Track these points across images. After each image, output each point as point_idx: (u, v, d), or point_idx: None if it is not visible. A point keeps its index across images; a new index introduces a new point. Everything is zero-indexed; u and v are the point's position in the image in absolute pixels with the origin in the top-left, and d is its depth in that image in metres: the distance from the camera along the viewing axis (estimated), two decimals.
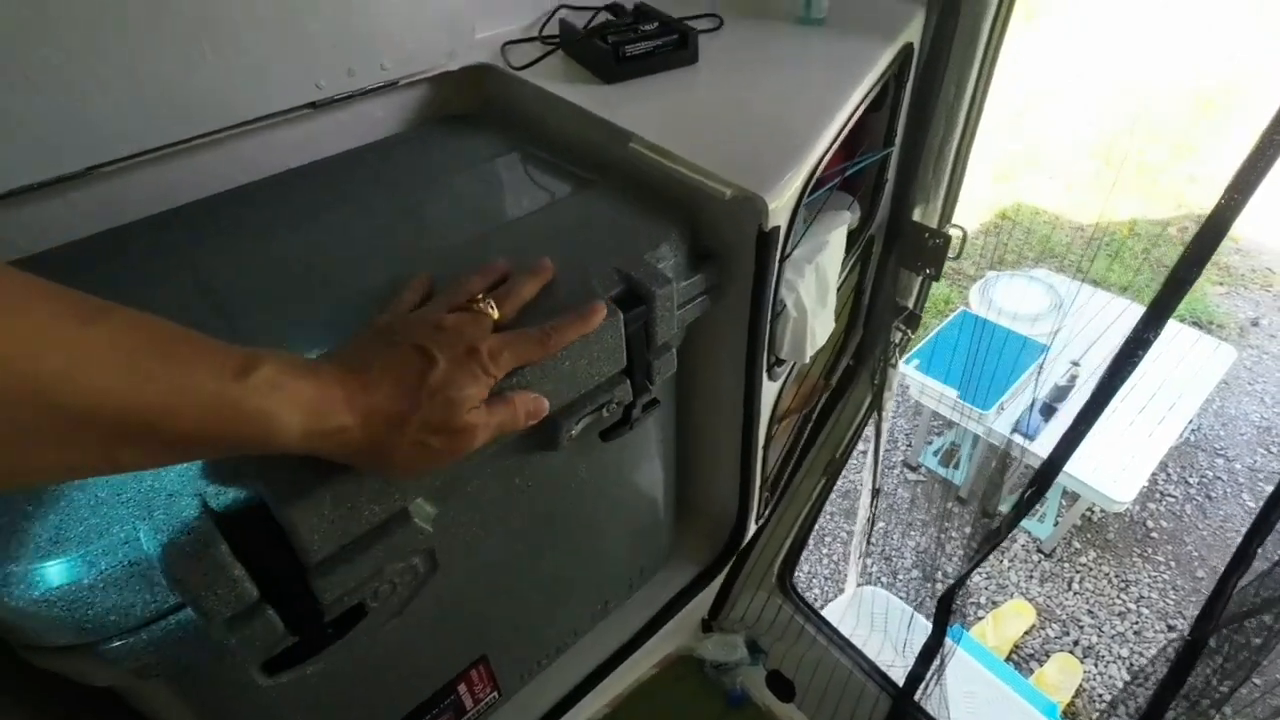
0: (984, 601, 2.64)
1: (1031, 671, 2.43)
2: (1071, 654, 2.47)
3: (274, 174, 0.72)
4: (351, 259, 0.60)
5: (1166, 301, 0.72)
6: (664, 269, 0.59)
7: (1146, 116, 4.69)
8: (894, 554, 2.81)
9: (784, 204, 0.61)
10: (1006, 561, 2.76)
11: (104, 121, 0.61)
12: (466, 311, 0.48)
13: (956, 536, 2.75)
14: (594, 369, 0.55)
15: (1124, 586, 2.65)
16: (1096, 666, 2.45)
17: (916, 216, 0.94)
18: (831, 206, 0.81)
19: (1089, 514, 2.85)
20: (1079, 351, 2.61)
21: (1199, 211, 4.16)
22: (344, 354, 0.44)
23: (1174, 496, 2.92)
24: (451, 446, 0.43)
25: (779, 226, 0.62)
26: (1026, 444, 2.45)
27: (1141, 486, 2.46)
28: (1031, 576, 2.71)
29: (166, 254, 0.61)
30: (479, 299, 0.49)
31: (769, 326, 0.71)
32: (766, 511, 1.08)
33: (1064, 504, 2.83)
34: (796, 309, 0.74)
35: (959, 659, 1.70)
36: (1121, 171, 4.46)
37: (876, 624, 1.80)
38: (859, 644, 1.33)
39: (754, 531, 1.01)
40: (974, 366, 2.71)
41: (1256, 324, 3.72)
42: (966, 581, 1.19)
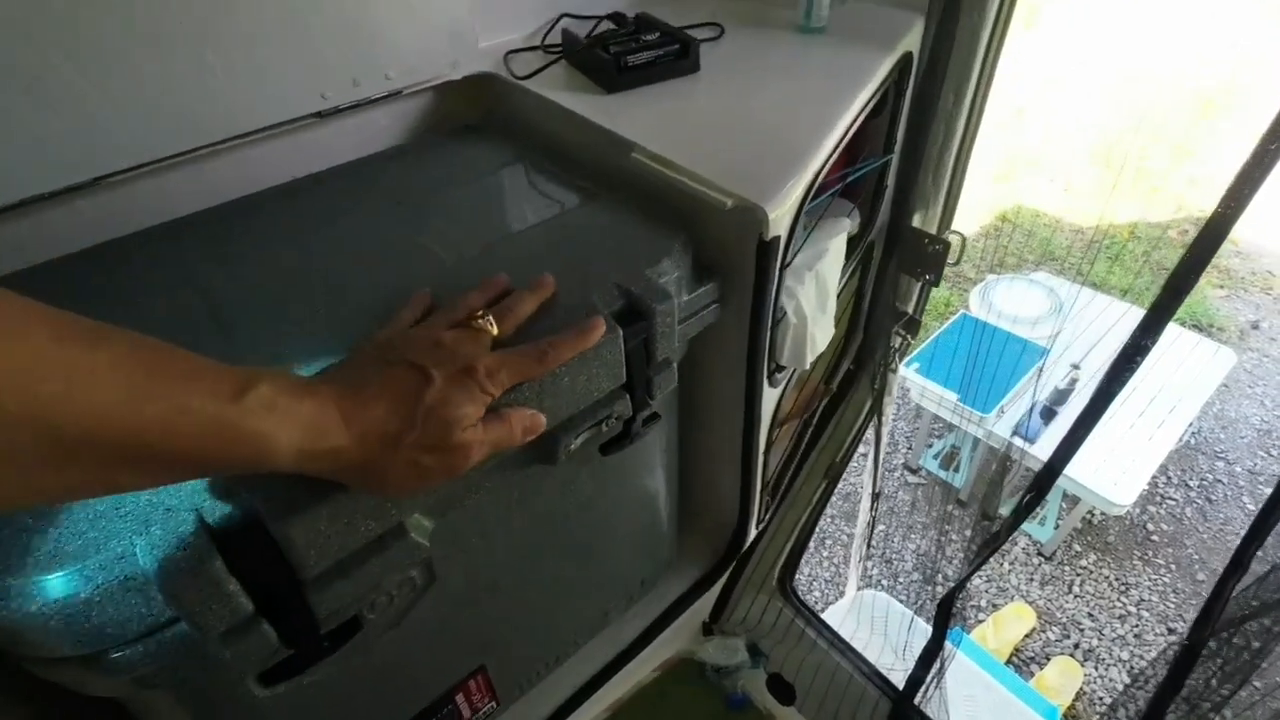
0: (984, 605, 2.64)
1: (1032, 674, 2.43)
2: (1072, 657, 2.47)
3: (279, 184, 0.73)
4: (354, 271, 0.61)
5: (1167, 305, 0.72)
6: (665, 284, 0.58)
7: (1146, 118, 4.69)
8: (894, 557, 2.81)
9: (784, 213, 0.62)
10: (1007, 564, 2.76)
11: (112, 132, 0.62)
12: (465, 329, 0.48)
13: (957, 539, 2.75)
14: (593, 385, 0.55)
15: (1124, 590, 2.65)
16: (1097, 670, 2.45)
17: (916, 223, 0.95)
18: (832, 213, 0.82)
19: (1089, 517, 2.85)
20: (1079, 355, 2.61)
21: (1199, 214, 4.16)
22: (340, 372, 0.44)
23: (1174, 500, 2.92)
24: (446, 465, 0.43)
25: (779, 236, 0.63)
26: (1027, 447, 2.45)
27: (1142, 490, 2.46)
28: (1032, 579, 2.71)
29: (171, 264, 0.62)
30: (478, 315, 0.49)
31: (769, 333, 0.72)
32: (767, 515, 1.08)
33: (1064, 507, 2.83)
34: (797, 316, 0.74)
35: (959, 662, 1.71)
36: (1121, 174, 4.47)
37: (877, 627, 1.81)
38: (859, 647, 1.33)
39: (755, 535, 1.02)
40: (974, 369, 2.72)
41: (1257, 327, 3.72)
42: (967, 585, 1.19)
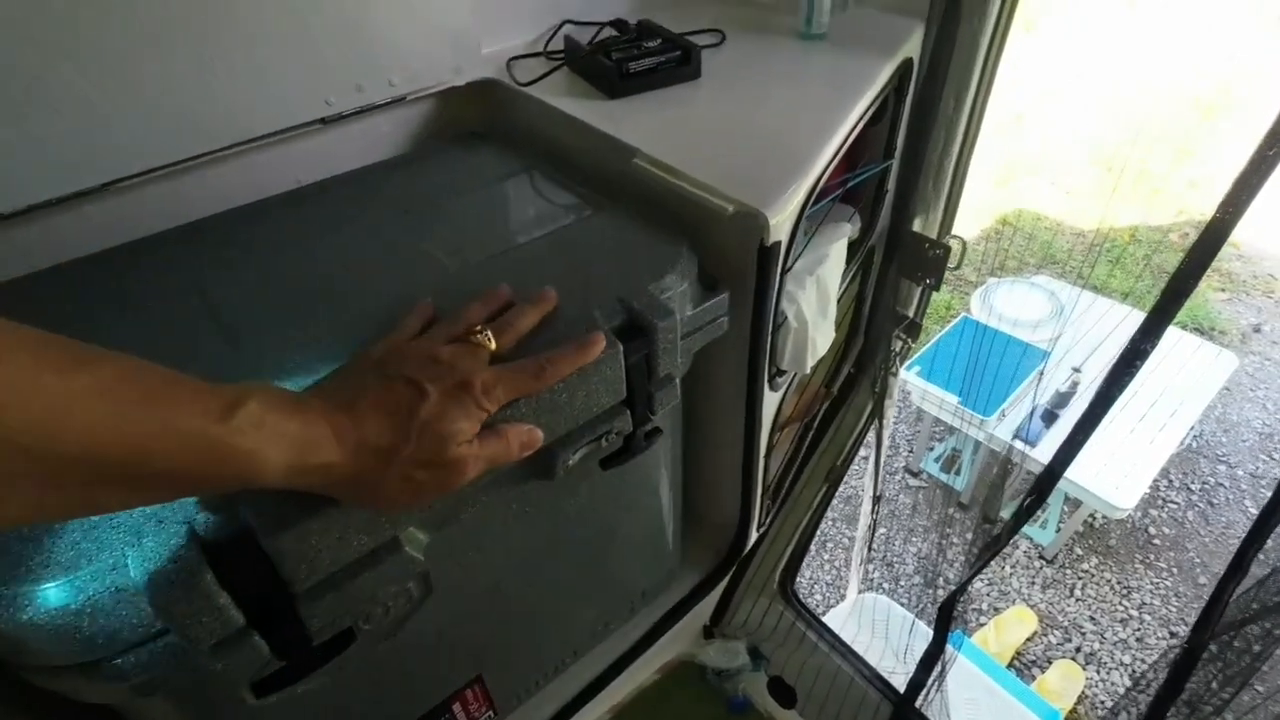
0: (986, 608, 2.64)
1: (1033, 678, 2.43)
2: (1073, 660, 2.47)
3: (284, 191, 0.73)
4: (358, 278, 0.61)
5: (1168, 308, 0.72)
6: (669, 299, 0.58)
7: (1147, 121, 4.70)
8: (895, 560, 2.81)
9: (785, 219, 0.62)
10: (1008, 568, 2.76)
11: (118, 138, 0.62)
12: (463, 343, 0.47)
13: (958, 543, 2.75)
14: (593, 400, 0.54)
15: (1126, 593, 2.65)
16: (1099, 673, 2.44)
17: (917, 227, 0.95)
18: (833, 218, 0.83)
19: (1091, 520, 2.85)
20: (1080, 358, 2.61)
21: (1200, 217, 4.16)
22: (332, 387, 0.44)
23: (1176, 503, 2.92)
24: (441, 481, 0.43)
25: (780, 241, 0.63)
26: (1028, 450, 2.45)
27: (1143, 493, 2.46)
28: (1033, 583, 2.71)
29: (176, 270, 0.62)
30: (477, 330, 0.49)
31: (770, 338, 0.72)
32: (768, 518, 1.09)
33: (1066, 510, 2.83)
34: (798, 320, 0.75)
35: (960, 666, 1.71)
36: (1122, 178, 4.47)
37: (878, 630, 1.81)
38: (860, 650, 1.33)
39: (756, 538, 1.02)
40: (975, 372, 2.72)
41: (1258, 330, 3.72)
42: (968, 588, 1.19)
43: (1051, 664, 2.46)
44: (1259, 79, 4.72)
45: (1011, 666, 2.46)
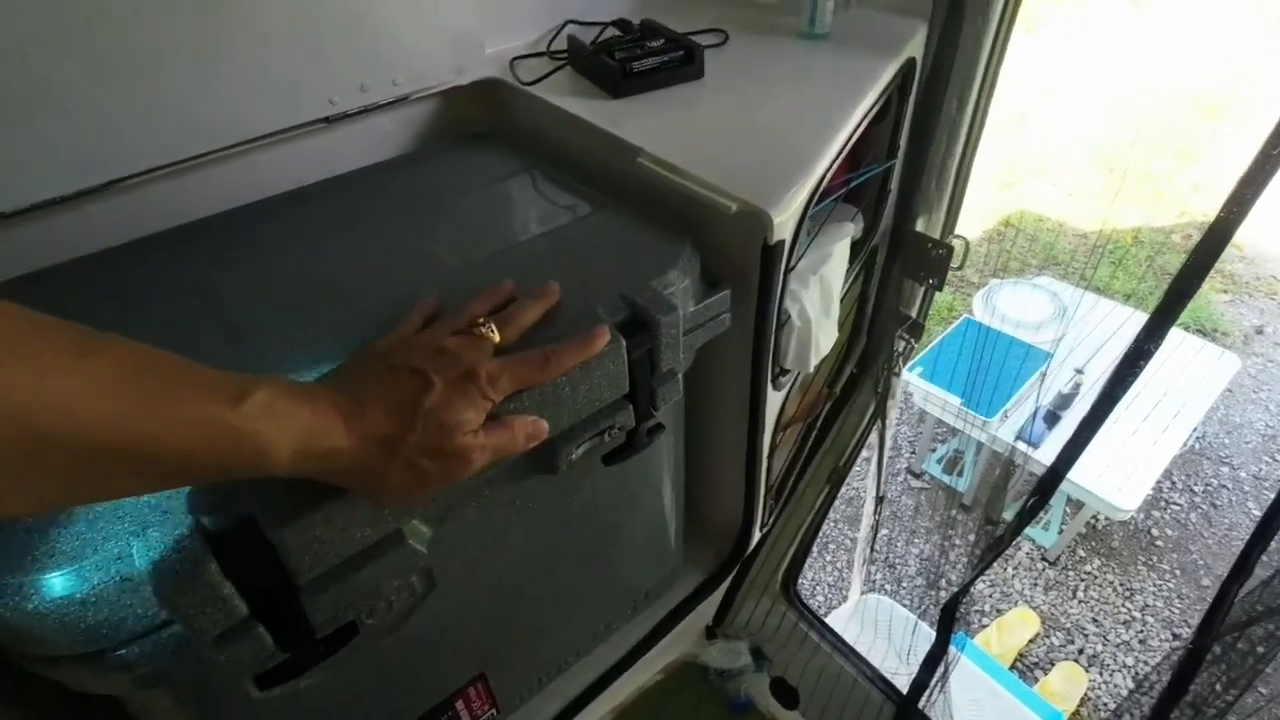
0: (988, 609, 2.64)
1: (1036, 680, 2.42)
2: (1076, 662, 2.46)
3: (287, 190, 0.74)
4: (362, 277, 0.61)
5: (1170, 309, 0.72)
6: (672, 294, 0.58)
7: (1149, 123, 4.70)
8: (898, 561, 2.81)
9: (789, 218, 0.62)
10: (1011, 569, 2.76)
11: (122, 137, 0.63)
12: (468, 335, 0.48)
13: (960, 544, 2.75)
14: (595, 395, 0.54)
15: (1129, 595, 2.64)
16: (1101, 675, 2.44)
17: (919, 227, 0.95)
18: (836, 218, 0.83)
19: (1093, 522, 2.85)
20: (1083, 359, 2.61)
21: (1202, 219, 4.16)
22: (340, 378, 0.45)
23: (1179, 505, 2.91)
24: (446, 470, 0.43)
25: (784, 240, 0.63)
26: (1030, 451, 2.44)
27: (1146, 494, 2.46)
28: (1036, 584, 2.70)
29: (180, 269, 0.62)
30: (481, 322, 0.49)
31: (774, 337, 0.72)
32: (771, 519, 1.08)
33: (1068, 512, 2.82)
34: (801, 320, 0.75)
35: (963, 667, 1.71)
36: (1125, 179, 4.47)
37: (880, 631, 1.80)
38: (863, 651, 1.33)
39: (759, 539, 1.02)
40: (977, 374, 2.72)
41: (1261, 332, 3.71)
42: (970, 589, 1.19)
43: (1054, 666, 2.45)
44: (1260, 80, 4.72)
45: (1014, 668, 2.45)
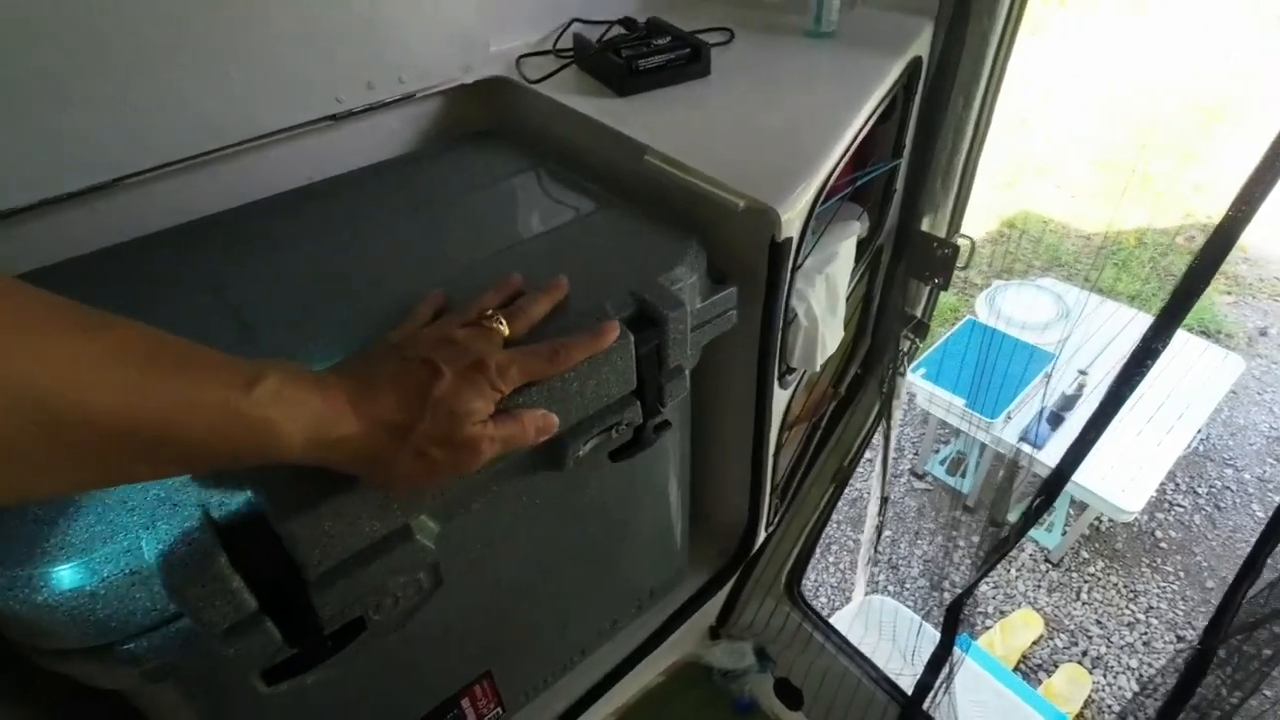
0: (992, 611, 2.63)
1: (1040, 682, 2.42)
2: (1080, 664, 2.45)
3: (295, 187, 0.74)
4: (369, 274, 0.61)
5: (1175, 311, 0.72)
6: (680, 290, 0.58)
7: (1152, 125, 4.69)
8: (901, 563, 2.81)
9: (796, 215, 0.62)
10: (1014, 571, 2.75)
11: (130, 134, 0.63)
12: (477, 327, 0.48)
13: (964, 545, 2.74)
14: (603, 390, 0.54)
15: (1133, 597, 2.63)
16: (1105, 677, 2.43)
17: (925, 226, 0.95)
18: (841, 217, 0.83)
19: (1097, 524, 2.84)
20: (1087, 360, 2.60)
21: (1206, 221, 4.15)
22: (350, 366, 0.45)
23: (1183, 506, 2.90)
24: (455, 460, 0.43)
25: (791, 237, 0.63)
26: (1034, 453, 2.44)
27: (1150, 496, 2.45)
28: (1039, 586, 2.70)
29: (188, 265, 0.63)
30: (490, 315, 0.49)
31: (780, 335, 0.72)
32: (776, 518, 1.08)
33: (1072, 513, 2.81)
34: (807, 318, 0.75)
35: (967, 668, 1.70)
36: (1129, 181, 4.46)
37: (884, 632, 1.80)
38: (867, 652, 1.33)
39: (763, 538, 1.02)
40: (981, 375, 2.72)
41: (1265, 333, 3.70)
42: (974, 591, 1.19)
43: (1058, 668, 2.45)
44: (1258, 80, 4.71)
45: (1017, 670, 2.45)
